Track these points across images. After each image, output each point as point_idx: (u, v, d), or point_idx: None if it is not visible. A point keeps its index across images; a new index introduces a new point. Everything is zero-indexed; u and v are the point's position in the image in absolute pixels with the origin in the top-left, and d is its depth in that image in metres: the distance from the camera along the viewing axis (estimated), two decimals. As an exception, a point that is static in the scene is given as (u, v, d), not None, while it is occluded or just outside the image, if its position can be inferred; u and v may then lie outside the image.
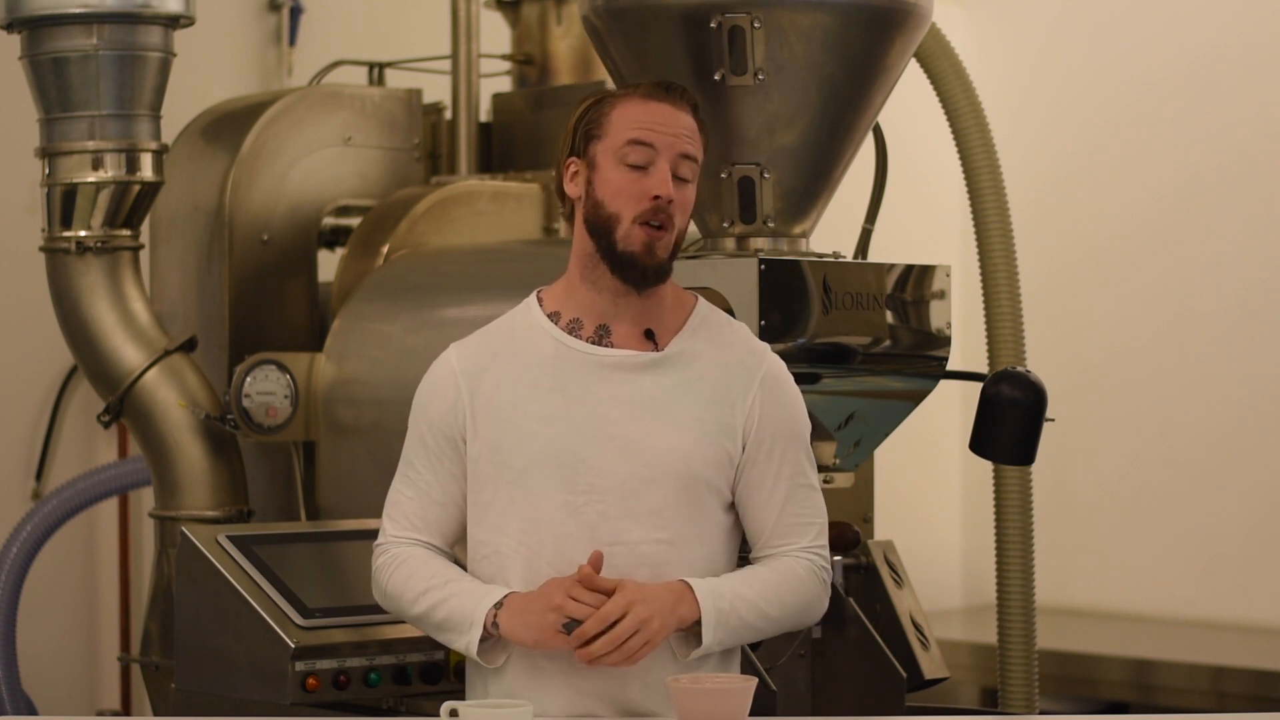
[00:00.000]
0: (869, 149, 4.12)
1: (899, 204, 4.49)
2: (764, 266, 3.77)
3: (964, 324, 4.91)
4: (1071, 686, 7.13)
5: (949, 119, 4.57)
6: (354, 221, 5.31)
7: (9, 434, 6.06)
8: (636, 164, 3.20)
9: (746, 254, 3.89)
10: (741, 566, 3.33)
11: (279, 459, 4.97)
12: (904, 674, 3.98)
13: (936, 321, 4.04)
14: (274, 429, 4.82)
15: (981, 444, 3.92)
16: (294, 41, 6.57)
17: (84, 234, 4.65)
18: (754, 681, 2.99)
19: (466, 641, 3.21)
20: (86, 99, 4.56)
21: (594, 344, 3.25)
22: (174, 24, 4.62)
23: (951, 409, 7.50)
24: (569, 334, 3.26)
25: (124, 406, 4.74)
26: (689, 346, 3.27)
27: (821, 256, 3.93)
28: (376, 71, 5.60)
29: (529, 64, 5.58)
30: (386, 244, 5.04)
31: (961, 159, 4.60)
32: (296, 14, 6.57)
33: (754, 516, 3.28)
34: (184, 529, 4.06)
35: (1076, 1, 8.22)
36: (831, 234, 4.15)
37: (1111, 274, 7.99)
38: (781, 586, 3.25)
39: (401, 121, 5.31)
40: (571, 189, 3.27)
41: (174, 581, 4.24)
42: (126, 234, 4.70)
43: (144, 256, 4.85)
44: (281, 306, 5.06)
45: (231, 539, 4.02)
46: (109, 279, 4.69)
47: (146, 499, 5.53)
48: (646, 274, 3.22)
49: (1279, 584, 7.52)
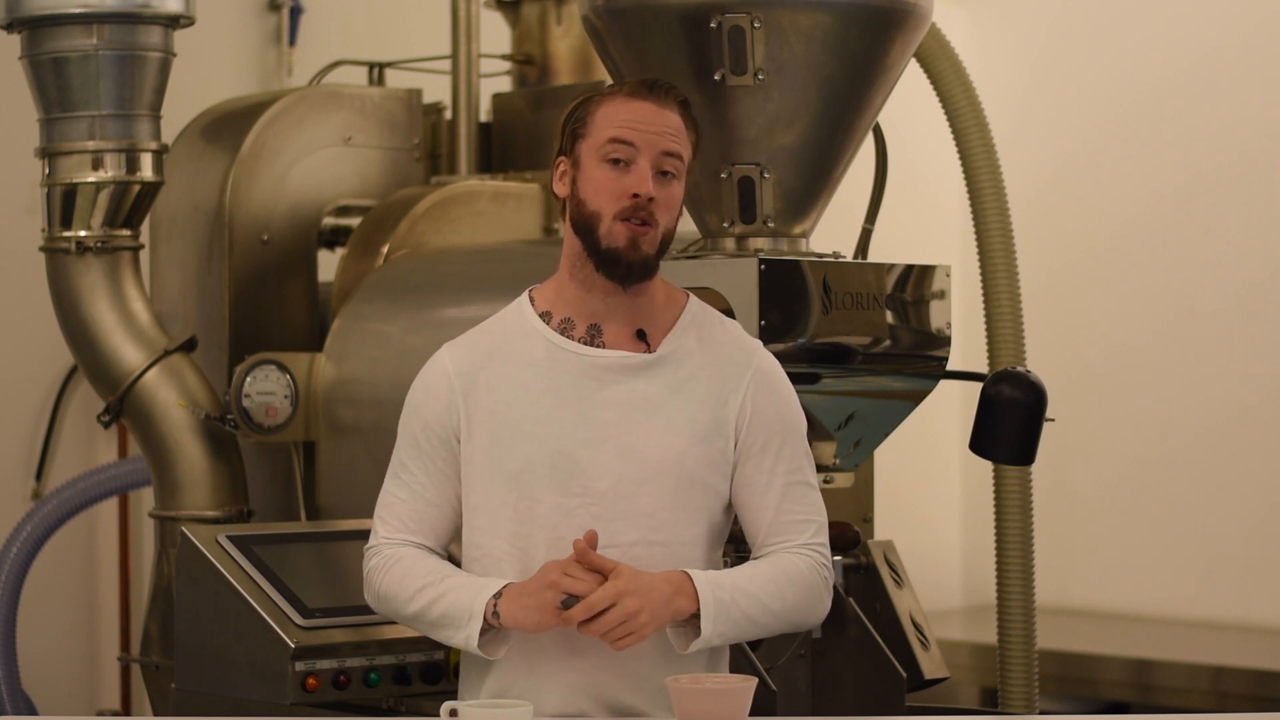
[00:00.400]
0: (869, 149, 4.11)
1: (899, 204, 4.49)
2: (764, 266, 3.77)
3: (964, 324, 4.91)
4: (1071, 686, 7.13)
5: (949, 119, 4.57)
6: (354, 221, 5.31)
7: (9, 434, 6.06)
8: (618, 162, 3.19)
9: (746, 254, 3.89)
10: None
11: (279, 459, 4.97)
12: (904, 674, 3.98)
13: (936, 321, 4.04)
14: (274, 429, 4.82)
15: (981, 444, 3.92)
16: (294, 41, 6.56)
17: (84, 234, 4.65)
18: (754, 681, 2.99)
19: (466, 635, 3.17)
20: (86, 99, 4.56)
21: (586, 344, 3.24)
22: (174, 24, 4.62)
23: (951, 409, 7.50)
24: (561, 334, 3.25)
25: (124, 406, 4.74)
26: (681, 346, 3.26)
27: (821, 256, 3.93)
28: (376, 71, 5.60)
29: (529, 64, 5.57)
30: (386, 244, 5.03)
31: (961, 159, 4.60)
32: (296, 14, 6.57)
33: (750, 514, 3.27)
34: (184, 529, 4.06)
35: (1076, 1, 8.22)
36: (831, 234, 4.15)
37: (1111, 274, 7.98)
38: (783, 581, 3.21)
39: (401, 121, 5.31)
40: (559, 188, 3.27)
41: (174, 581, 4.24)
42: (126, 234, 4.70)
43: (144, 256, 4.85)
44: (281, 306, 5.06)
45: (231, 539, 4.02)
46: (109, 279, 4.69)
47: (146, 499, 5.53)
48: (631, 269, 3.20)
49: (1279, 584, 7.52)
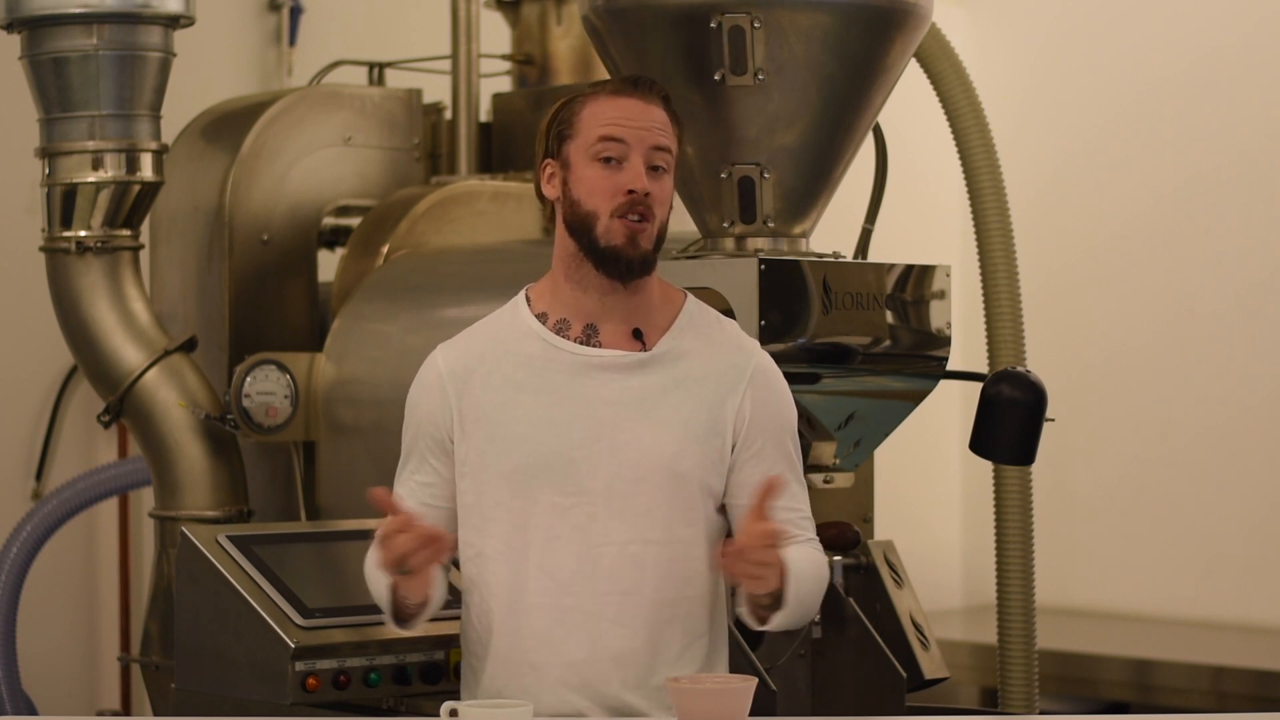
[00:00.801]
0: (869, 149, 4.12)
1: (899, 204, 4.48)
2: (764, 266, 3.77)
3: (964, 324, 4.91)
4: (1071, 686, 7.13)
5: (949, 119, 4.57)
6: (354, 221, 5.31)
7: (9, 434, 6.06)
8: (610, 160, 3.19)
9: (746, 254, 3.89)
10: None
11: (279, 459, 4.97)
12: (904, 674, 3.98)
13: (936, 321, 4.04)
14: (274, 429, 4.82)
15: (981, 444, 3.92)
16: (294, 41, 6.56)
17: (84, 234, 4.65)
18: (754, 681, 2.99)
19: (385, 585, 3.21)
20: (86, 99, 4.55)
21: (582, 344, 3.24)
22: (174, 24, 4.62)
23: (951, 409, 7.50)
24: (557, 334, 3.25)
25: (124, 406, 4.74)
26: (677, 345, 3.26)
27: (821, 256, 3.93)
28: (376, 71, 5.60)
29: (529, 64, 5.57)
30: (386, 244, 5.03)
31: (961, 159, 4.60)
32: (296, 14, 6.57)
33: (745, 515, 3.27)
34: (184, 529, 4.05)
35: (1076, 1, 8.22)
36: (831, 234, 4.15)
37: (1111, 274, 7.98)
38: (819, 572, 3.26)
39: (401, 121, 5.31)
40: (549, 190, 3.26)
41: (174, 581, 4.24)
42: (126, 234, 4.70)
43: (144, 256, 4.85)
44: (281, 306, 5.06)
45: (231, 539, 4.02)
46: (109, 279, 4.69)
47: (146, 499, 5.53)
48: (632, 266, 3.20)
49: (1279, 584, 7.52)
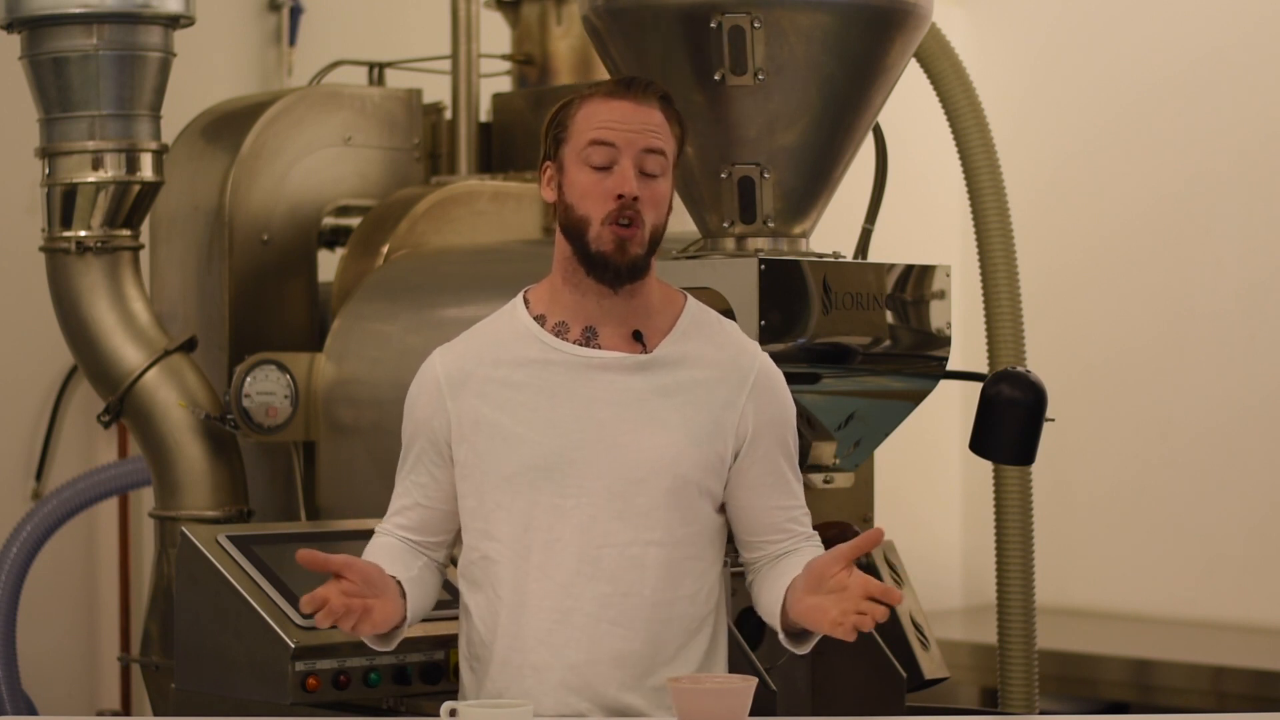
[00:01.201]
0: (869, 149, 4.11)
1: (899, 204, 4.48)
2: (764, 266, 3.77)
3: (964, 324, 4.91)
4: (1071, 686, 7.13)
5: (949, 119, 4.57)
6: (354, 221, 5.31)
7: (9, 434, 6.06)
8: (599, 164, 3.16)
9: (746, 254, 3.89)
10: (728, 568, 3.33)
11: (279, 459, 4.97)
12: (904, 674, 3.98)
13: (936, 321, 4.04)
14: (274, 429, 4.82)
15: (981, 444, 3.92)
16: (294, 41, 6.56)
17: (84, 234, 4.65)
18: (754, 681, 2.99)
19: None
20: (86, 99, 4.55)
21: (581, 346, 3.24)
22: (174, 24, 4.62)
23: (951, 409, 7.50)
24: (555, 336, 3.24)
25: (124, 406, 4.74)
26: (679, 348, 3.25)
27: (821, 256, 3.93)
28: (376, 71, 5.59)
29: (529, 64, 5.57)
30: (386, 244, 5.03)
31: (961, 159, 4.60)
32: (296, 14, 6.57)
33: (750, 515, 3.27)
34: (184, 529, 4.05)
35: (1076, 1, 8.22)
36: (831, 234, 4.15)
37: (1111, 274, 7.98)
38: None
39: (401, 121, 5.30)
40: (547, 194, 3.25)
41: (174, 581, 4.24)
42: (126, 234, 4.70)
43: (144, 256, 4.85)
44: (281, 306, 5.06)
45: (231, 539, 4.02)
46: (109, 279, 4.69)
47: (146, 499, 5.53)
48: (620, 273, 3.18)
49: (1279, 584, 7.52)
